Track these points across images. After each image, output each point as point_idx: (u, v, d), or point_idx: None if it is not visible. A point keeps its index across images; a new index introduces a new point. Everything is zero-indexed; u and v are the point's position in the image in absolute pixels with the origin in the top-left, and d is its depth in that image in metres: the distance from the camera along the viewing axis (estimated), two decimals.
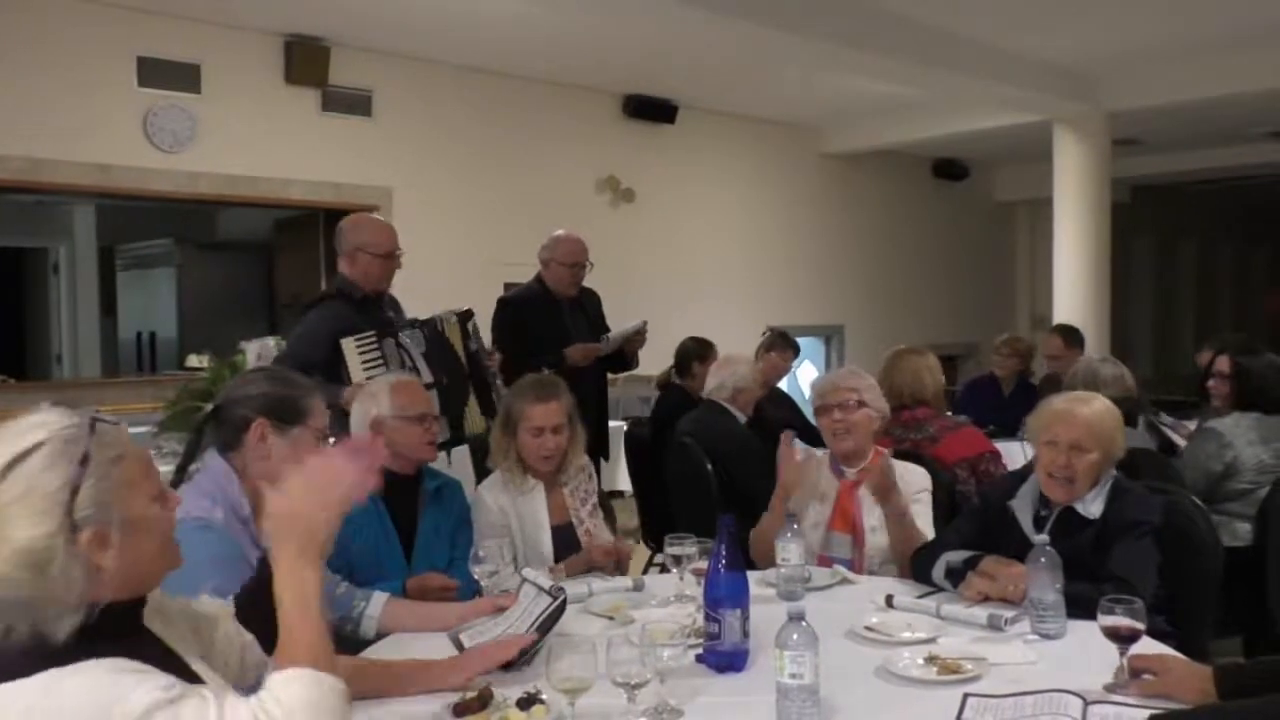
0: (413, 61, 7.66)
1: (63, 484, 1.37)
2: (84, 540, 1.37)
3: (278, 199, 7.30)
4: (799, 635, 1.80)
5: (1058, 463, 2.63)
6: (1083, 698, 1.89)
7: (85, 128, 6.31)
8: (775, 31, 6.34)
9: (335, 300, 3.85)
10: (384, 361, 3.66)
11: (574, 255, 4.66)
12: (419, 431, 2.90)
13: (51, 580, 1.34)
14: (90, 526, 1.38)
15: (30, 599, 1.34)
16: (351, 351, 3.64)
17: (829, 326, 10.99)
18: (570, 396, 3.18)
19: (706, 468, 4.38)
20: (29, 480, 1.36)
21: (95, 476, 1.39)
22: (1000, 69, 7.82)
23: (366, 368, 3.62)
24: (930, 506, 3.16)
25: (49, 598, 1.35)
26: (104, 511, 1.39)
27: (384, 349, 3.70)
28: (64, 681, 1.32)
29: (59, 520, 1.36)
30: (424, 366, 3.76)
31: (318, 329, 3.74)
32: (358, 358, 3.65)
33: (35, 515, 1.35)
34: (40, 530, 1.35)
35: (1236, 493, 3.89)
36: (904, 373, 4.04)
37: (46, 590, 1.34)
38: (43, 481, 1.37)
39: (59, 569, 1.34)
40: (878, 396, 3.28)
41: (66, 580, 1.35)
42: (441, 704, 1.94)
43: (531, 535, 3.08)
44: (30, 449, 1.39)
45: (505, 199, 8.07)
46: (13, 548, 1.34)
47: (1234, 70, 7.89)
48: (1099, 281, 8.85)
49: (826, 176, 10.80)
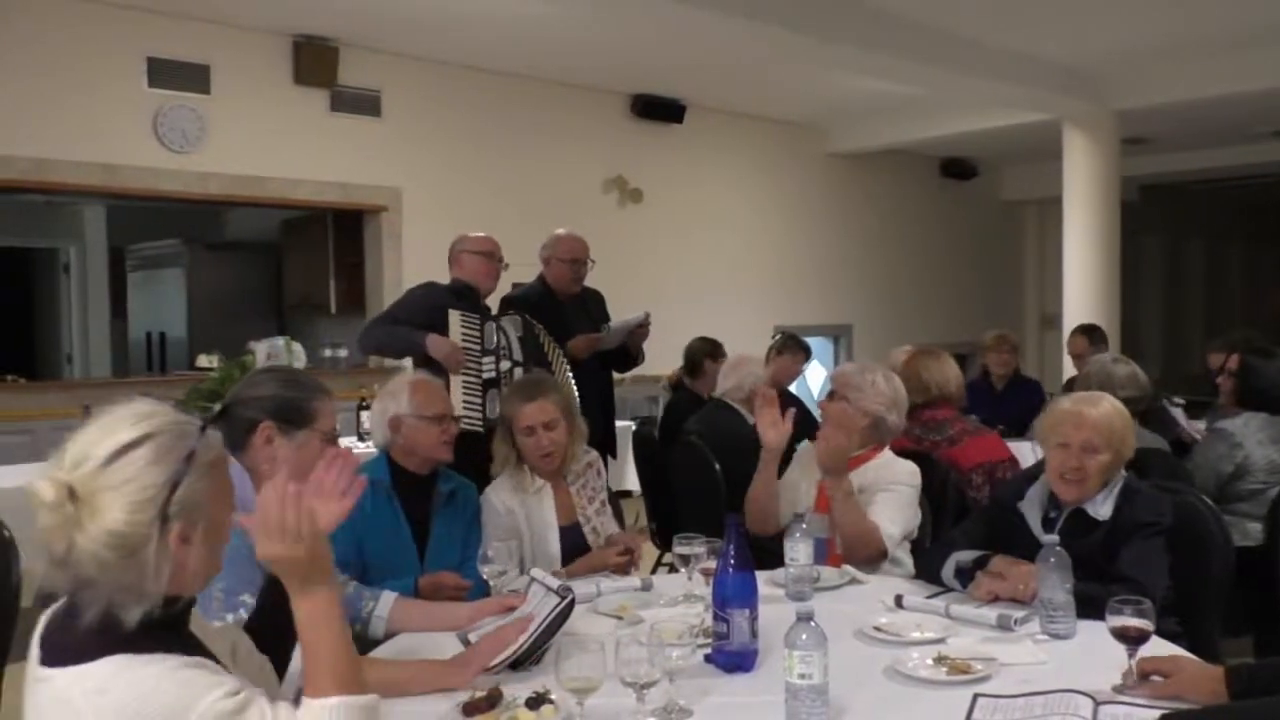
0: (421, 62, 7.67)
1: (166, 479, 1.43)
2: (172, 534, 1.42)
3: (286, 199, 7.32)
4: (808, 635, 1.80)
5: (1069, 464, 2.62)
6: (1093, 698, 1.88)
7: (95, 128, 6.34)
8: (783, 31, 6.34)
9: (442, 286, 4.38)
10: (480, 337, 4.12)
11: (574, 251, 4.66)
12: (436, 432, 2.91)
13: (137, 565, 1.40)
14: (179, 522, 1.43)
15: (113, 581, 1.39)
16: (456, 322, 4.10)
17: (837, 326, 10.98)
18: (562, 392, 3.21)
19: (714, 467, 4.38)
20: (135, 469, 1.42)
21: (194, 476, 1.45)
22: (1008, 68, 7.81)
23: (465, 339, 4.09)
24: (905, 500, 3.12)
25: (130, 583, 1.40)
26: (195, 511, 1.45)
27: (484, 329, 4.15)
28: (138, 669, 1.37)
29: (156, 511, 1.41)
30: (518, 348, 4.20)
31: (424, 298, 4.28)
32: (460, 329, 4.10)
33: (134, 503, 1.40)
34: (137, 517, 1.40)
35: (1247, 493, 3.88)
36: (930, 370, 4.01)
37: (130, 575, 1.40)
38: (148, 473, 1.42)
39: (146, 556, 1.40)
40: (870, 398, 3.21)
41: (150, 568, 1.40)
42: (450, 704, 1.94)
43: (539, 536, 3.08)
44: (140, 439, 1.44)
45: (513, 199, 8.07)
46: (106, 528, 1.39)
47: (1243, 69, 7.87)
48: (1108, 280, 8.83)
49: (835, 176, 10.79)
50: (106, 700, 1.35)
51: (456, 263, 4.45)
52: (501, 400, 3.24)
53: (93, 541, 1.39)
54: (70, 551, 1.40)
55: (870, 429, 3.21)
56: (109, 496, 1.40)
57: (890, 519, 3.04)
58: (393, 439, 2.92)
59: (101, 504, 1.39)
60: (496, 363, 4.15)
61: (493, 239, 4.51)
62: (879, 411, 3.22)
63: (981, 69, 7.63)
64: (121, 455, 1.42)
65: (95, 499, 1.40)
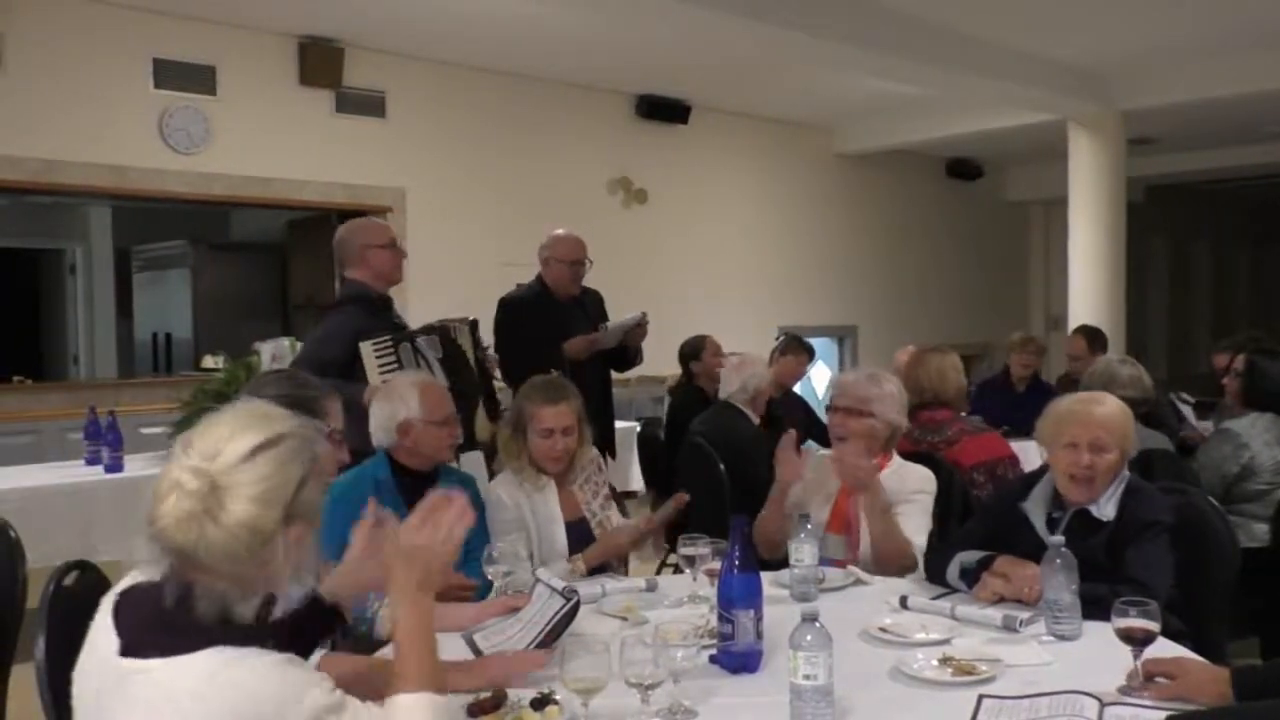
0: (426, 63, 7.68)
1: (299, 479, 1.51)
2: (293, 533, 1.50)
3: (291, 200, 7.34)
4: (813, 636, 1.80)
5: (1080, 463, 2.59)
6: (1099, 699, 1.88)
7: (101, 129, 6.35)
8: (788, 31, 6.34)
9: (352, 305, 3.95)
10: (399, 365, 3.73)
11: (573, 252, 4.64)
12: (444, 434, 2.97)
13: (262, 561, 1.46)
14: (299, 522, 1.51)
15: (237, 573, 1.45)
16: (369, 355, 3.72)
17: (842, 327, 10.97)
18: (580, 399, 3.20)
19: (719, 468, 4.38)
20: (274, 466, 1.49)
21: (315, 479, 1.54)
22: (1014, 69, 7.80)
23: (383, 371, 3.69)
24: (926, 509, 3.12)
25: (252, 576, 1.47)
26: (312, 512, 1.53)
27: (400, 354, 3.77)
28: (241, 664, 1.42)
29: (284, 508, 1.48)
30: (440, 371, 3.81)
31: (338, 331, 3.84)
32: (375, 361, 3.72)
33: (269, 498, 1.47)
34: (270, 513, 1.46)
35: (1253, 494, 3.87)
36: (928, 371, 3.99)
37: (253, 568, 1.46)
38: (285, 471, 1.49)
39: (272, 552, 1.47)
40: (890, 407, 3.20)
41: (273, 565, 1.47)
42: (456, 704, 1.94)
43: (546, 530, 3.09)
44: (276, 439, 1.51)
45: (518, 200, 8.08)
46: (239, 520, 1.44)
47: (1249, 69, 7.86)
48: (1114, 281, 8.81)
49: (840, 177, 10.78)
50: (214, 693, 1.39)
51: (361, 262, 3.96)
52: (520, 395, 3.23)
53: (225, 533, 1.44)
54: (199, 542, 1.43)
55: (890, 438, 3.21)
56: (246, 491, 1.45)
57: (917, 531, 3.04)
58: (400, 442, 2.95)
59: (238, 497, 1.45)
60: None
61: (386, 225, 4.20)
62: (898, 421, 3.23)
63: (987, 69, 7.62)
64: (260, 452, 1.48)
65: (233, 492, 1.45)
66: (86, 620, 1.56)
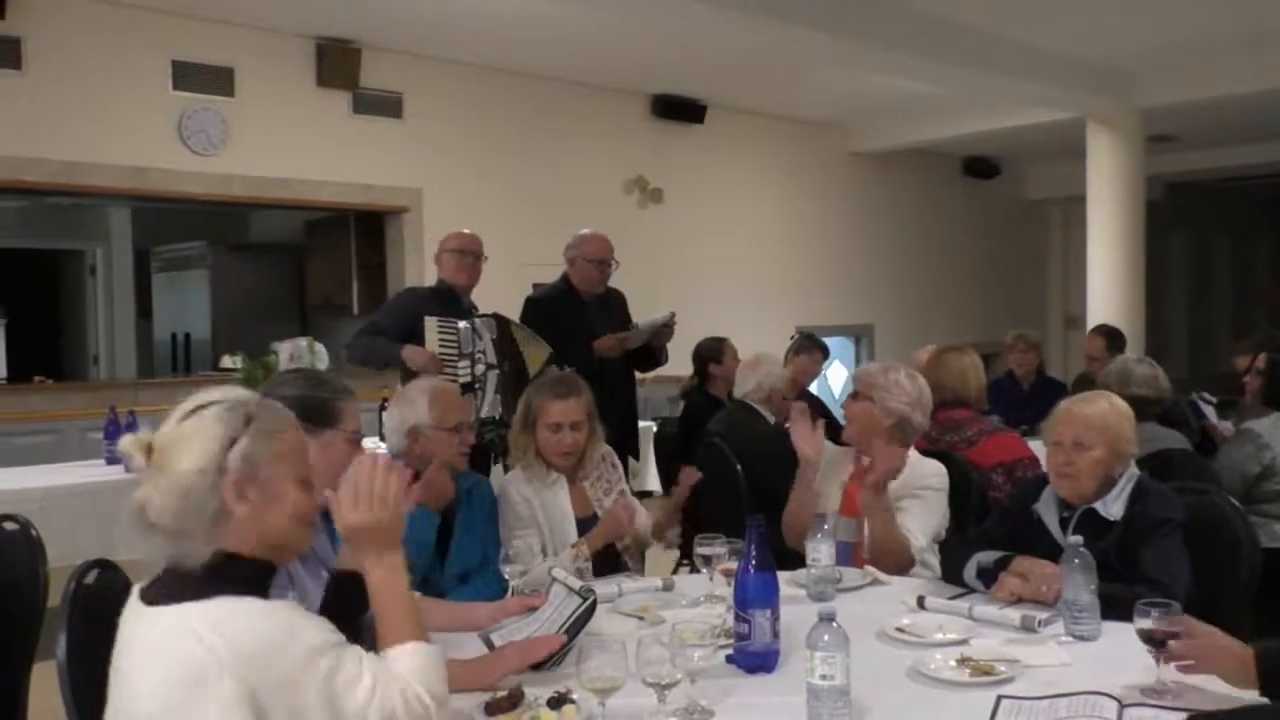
0: (443, 63, 7.70)
1: (224, 434, 1.63)
2: (226, 484, 1.61)
3: (309, 201, 7.38)
4: (830, 636, 1.79)
5: (1059, 460, 2.66)
6: (1118, 700, 1.87)
7: (120, 131, 6.40)
8: (804, 30, 6.33)
9: (428, 290, 4.61)
10: (457, 342, 4.17)
11: (600, 252, 4.67)
12: (455, 441, 2.90)
13: (190, 509, 1.58)
14: (234, 474, 1.61)
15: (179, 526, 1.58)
16: (432, 328, 4.18)
17: (859, 326, 10.95)
18: (590, 395, 3.19)
19: (736, 468, 4.37)
20: (200, 424, 1.64)
21: (250, 437, 1.64)
22: (1032, 66, 7.76)
23: (442, 343, 4.17)
24: (931, 505, 3.10)
25: (186, 528, 1.58)
26: (250, 468, 1.63)
27: (460, 332, 4.20)
28: (242, 605, 1.55)
29: (212, 460, 1.60)
30: (492, 349, 4.24)
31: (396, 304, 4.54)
32: (436, 335, 4.17)
33: (196, 453, 1.61)
34: (195, 465, 1.60)
35: (1275, 494, 3.84)
36: (949, 371, 3.97)
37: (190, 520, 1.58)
38: (210, 427, 1.63)
39: (198, 499, 1.58)
40: (894, 396, 3.17)
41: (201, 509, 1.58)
42: (473, 703, 1.94)
43: (557, 526, 3.09)
44: (209, 403, 1.67)
45: (534, 199, 8.10)
46: (172, 479, 1.60)
47: (1270, 65, 7.80)
48: (1133, 280, 8.76)
49: (856, 175, 10.76)
50: (224, 626, 1.50)
51: (438, 262, 4.60)
52: (530, 390, 3.23)
53: (163, 492, 1.59)
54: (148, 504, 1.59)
55: (895, 429, 3.17)
56: (178, 449, 1.61)
57: (919, 529, 3.03)
58: (409, 448, 2.88)
59: (172, 457, 1.61)
60: (472, 366, 4.17)
61: (470, 235, 4.62)
62: (904, 411, 3.17)
63: (1005, 67, 7.58)
64: (193, 415, 1.65)
65: (168, 453, 1.62)
66: (107, 618, 1.63)
